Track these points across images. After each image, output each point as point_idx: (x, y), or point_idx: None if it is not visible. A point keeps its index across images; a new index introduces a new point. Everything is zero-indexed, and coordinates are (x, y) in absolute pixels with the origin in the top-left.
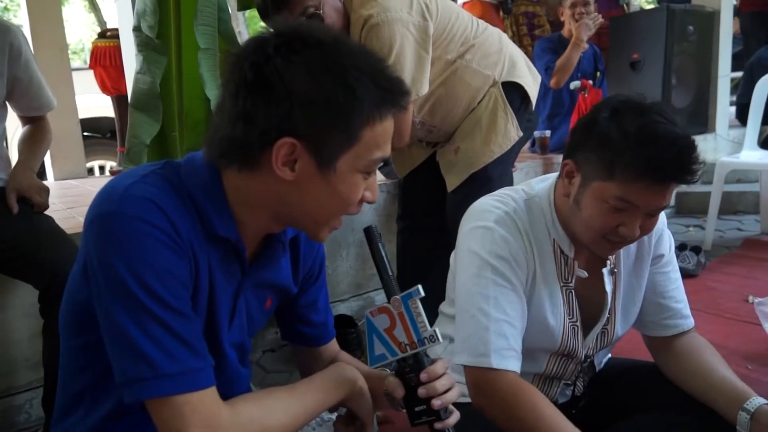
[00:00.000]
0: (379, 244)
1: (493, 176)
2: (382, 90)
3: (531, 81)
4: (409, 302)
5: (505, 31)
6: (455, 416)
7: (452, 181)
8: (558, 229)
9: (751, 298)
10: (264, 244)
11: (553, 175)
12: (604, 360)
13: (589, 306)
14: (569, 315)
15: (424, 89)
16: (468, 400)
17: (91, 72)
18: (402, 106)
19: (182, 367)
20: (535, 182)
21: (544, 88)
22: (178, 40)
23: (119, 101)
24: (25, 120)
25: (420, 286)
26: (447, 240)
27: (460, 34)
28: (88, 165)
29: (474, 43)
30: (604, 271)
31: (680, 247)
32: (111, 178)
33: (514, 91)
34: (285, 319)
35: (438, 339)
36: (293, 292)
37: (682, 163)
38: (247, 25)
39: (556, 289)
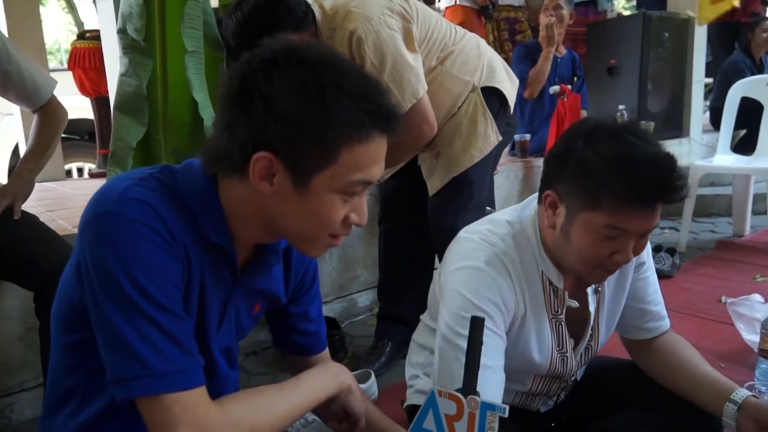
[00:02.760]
0: (482, 339)
1: (473, 179)
2: (365, 112)
3: (509, 85)
4: (488, 413)
5: (486, 36)
6: None
7: (434, 185)
8: (545, 261)
9: (723, 298)
10: (257, 251)
11: (534, 202)
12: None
13: (575, 326)
14: (558, 346)
15: (424, 85)
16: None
17: (68, 73)
18: (392, 131)
19: (174, 366)
20: (518, 211)
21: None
22: (163, 44)
23: (98, 103)
24: (35, 113)
25: (507, 407)
26: (430, 243)
27: (439, 41)
28: (67, 167)
29: (453, 49)
30: (589, 290)
31: (656, 249)
32: (90, 179)
33: (492, 95)
34: (277, 327)
35: None
36: (282, 301)
37: (665, 182)
38: None
39: (544, 322)
